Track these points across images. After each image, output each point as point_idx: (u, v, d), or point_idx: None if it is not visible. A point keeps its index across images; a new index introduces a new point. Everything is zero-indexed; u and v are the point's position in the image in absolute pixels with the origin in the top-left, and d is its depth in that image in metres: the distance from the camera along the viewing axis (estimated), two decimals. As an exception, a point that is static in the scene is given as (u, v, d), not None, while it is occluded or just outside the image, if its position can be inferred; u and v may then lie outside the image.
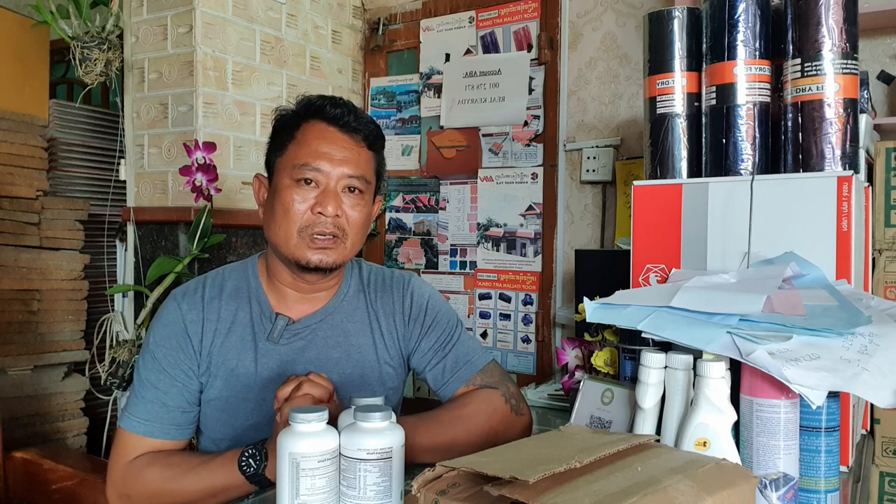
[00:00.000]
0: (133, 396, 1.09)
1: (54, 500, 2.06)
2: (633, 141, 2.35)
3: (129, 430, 1.06)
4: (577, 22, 2.47)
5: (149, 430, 1.06)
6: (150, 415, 1.06)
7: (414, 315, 1.20)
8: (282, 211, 1.06)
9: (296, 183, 1.05)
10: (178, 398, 1.08)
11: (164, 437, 1.07)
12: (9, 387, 2.28)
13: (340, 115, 1.08)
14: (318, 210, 1.04)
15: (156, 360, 1.09)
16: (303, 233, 1.05)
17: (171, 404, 1.07)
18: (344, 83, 2.82)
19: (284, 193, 1.06)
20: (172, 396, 1.08)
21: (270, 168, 1.13)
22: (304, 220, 1.05)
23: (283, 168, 1.08)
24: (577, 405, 1.04)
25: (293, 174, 1.06)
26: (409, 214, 2.82)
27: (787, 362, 0.74)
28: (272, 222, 1.08)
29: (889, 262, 1.63)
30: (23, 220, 2.34)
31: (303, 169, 1.05)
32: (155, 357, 1.09)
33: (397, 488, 0.80)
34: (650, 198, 1.11)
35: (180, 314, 1.10)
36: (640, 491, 0.58)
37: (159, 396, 1.07)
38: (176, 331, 1.09)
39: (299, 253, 1.06)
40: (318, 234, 1.05)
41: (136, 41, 2.32)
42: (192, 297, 1.12)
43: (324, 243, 1.05)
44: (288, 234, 1.05)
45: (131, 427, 1.06)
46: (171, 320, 1.10)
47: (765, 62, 1.08)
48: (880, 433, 1.55)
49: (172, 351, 1.09)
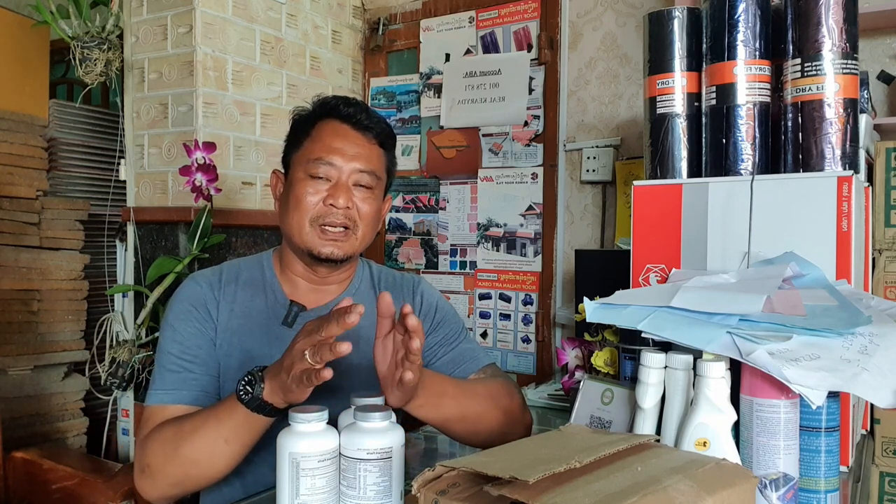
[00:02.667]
0: (155, 373, 1.09)
1: (54, 500, 2.06)
2: (633, 141, 2.35)
3: (155, 404, 1.05)
4: (577, 22, 2.47)
5: (177, 397, 1.05)
6: (176, 383, 1.06)
7: (424, 312, 1.24)
8: (295, 202, 1.11)
9: (309, 176, 1.11)
10: (202, 365, 1.09)
11: (193, 403, 1.05)
12: (9, 387, 2.28)
13: (353, 114, 1.14)
14: (329, 202, 1.09)
15: (176, 332, 1.10)
16: (314, 223, 1.10)
17: (196, 371, 1.08)
18: (344, 83, 2.82)
19: (298, 186, 1.11)
20: (197, 364, 1.08)
21: (287, 164, 1.18)
22: (316, 211, 1.10)
23: (298, 163, 1.13)
24: (577, 405, 1.04)
25: (307, 168, 1.11)
26: (409, 214, 2.82)
27: (787, 362, 0.74)
28: (286, 214, 1.13)
29: (889, 262, 1.63)
30: (23, 220, 2.34)
31: (316, 163, 1.10)
32: (175, 329, 1.10)
33: (397, 488, 0.80)
34: (650, 198, 1.11)
35: (199, 289, 1.14)
36: (640, 491, 0.58)
37: (183, 365, 1.08)
38: (195, 304, 1.12)
39: (311, 243, 1.10)
40: (329, 226, 1.10)
41: (136, 41, 2.32)
42: (210, 278, 1.16)
43: (335, 235, 1.10)
44: (300, 224, 1.10)
45: (157, 400, 1.05)
46: (189, 295, 1.13)
47: (765, 62, 1.08)
48: (880, 433, 1.55)
49: (192, 322, 1.11)
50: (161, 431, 0.99)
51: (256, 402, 0.91)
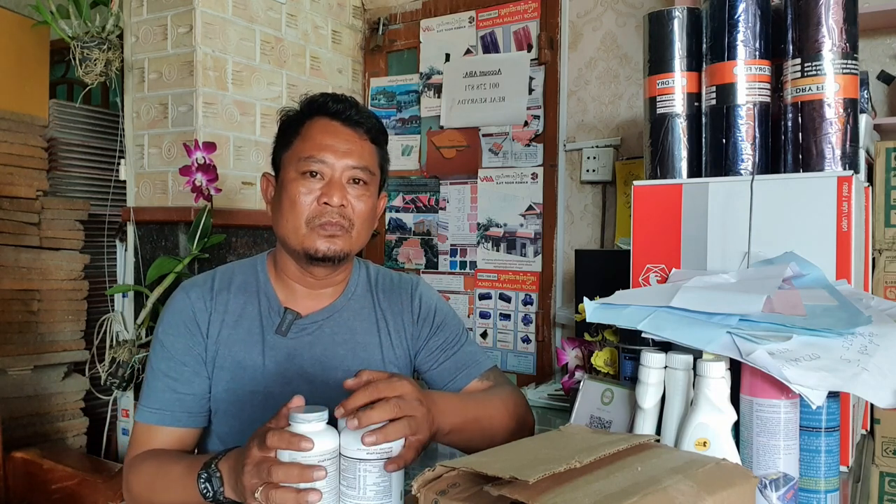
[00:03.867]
0: (144, 388, 1.10)
1: (54, 500, 2.06)
2: (633, 141, 2.35)
3: (142, 422, 1.08)
4: (577, 22, 2.47)
5: (160, 418, 1.07)
6: (161, 403, 1.07)
7: (423, 315, 1.22)
8: (289, 203, 1.08)
9: (301, 176, 1.08)
10: (188, 384, 1.08)
11: (176, 425, 1.07)
12: (9, 387, 2.28)
13: (343, 110, 1.11)
14: (323, 200, 1.07)
15: (165, 348, 1.10)
16: (310, 223, 1.07)
17: (182, 391, 1.08)
18: (344, 83, 2.82)
19: (291, 186, 1.08)
20: (183, 383, 1.08)
21: (277, 165, 1.16)
22: (311, 212, 1.07)
23: (289, 162, 1.11)
24: (577, 405, 1.03)
25: (299, 167, 1.08)
26: (409, 214, 2.82)
27: (787, 362, 0.74)
28: (280, 216, 1.10)
29: (889, 262, 1.63)
30: (23, 220, 2.34)
31: (308, 161, 1.08)
32: (164, 345, 1.10)
33: (397, 488, 0.80)
34: (650, 198, 1.11)
35: (189, 302, 1.12)
36: (640, 491, 0.58)
37: (169, 384, 1.08)
38: (184, 318, 1.11)
39: (308, 243, 1.07)
40: (326, 225, 1.07)
41: (136, 41, 2.32)
42: (201, 288, 1.14)
43: (331, 232, 1.08)
44: (296, 226, 1.08)
45: (144, 418, 1.07)
46: (179, 308, 1.12)
47: (765, 62, 1.08)
48: (880, 433, 1.55)
49: (181, 337, 1.10)
50: (142, 468, 1.02)
51: (219, 499, 0.88)
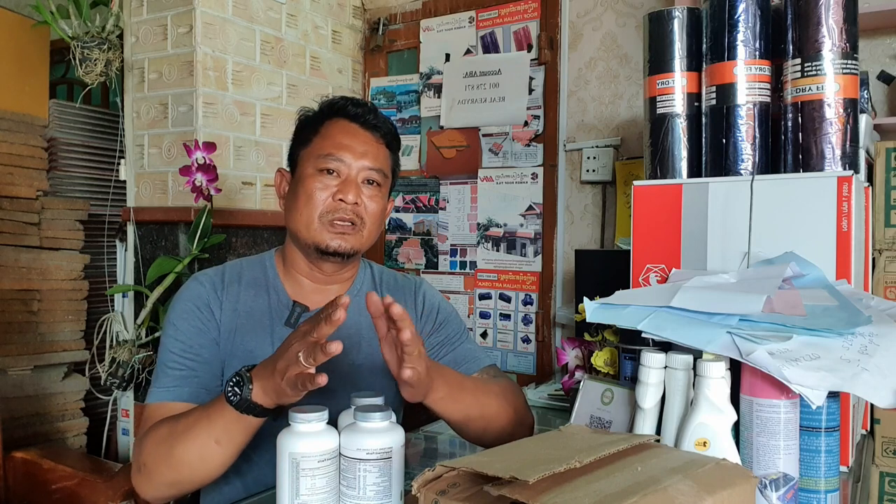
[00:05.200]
0: (157, 371, 1.09)
1: (54, 500, 2.06)
2: (633, 141, 2.35)
3: (155, 402, 1.04)
4: (577, 22, 2.47)
5: (177, 394, 1.04)
6: (177, 381, 1.06)
7: (426, 312, 1.25)
8: (305, 197, 1.12)
9: (319, 172, 1.12)
10: (203, 364, 1.08)
11: (194, 399, 1.04)
12: (9, 387, 2.28)
13: (362, 114, 1.17)
14: (339, 197, 1.11)
15: (178, 331, 1.10)
16: (323, 218, 1.11)
17: (198, 369, 1.08)
18: (344, 83, 2.82)
19: (308, 181, 1.12)
20: (199, 363, 1.08)
21: (294, 162, 1.19)
22: (326, 207, 1.11)
23: (307, 159, 1.15)
24: (577, 405, 1.04)
25: (317, 164, 1.12)
26: (409, 214, 2.82)
27: (787, 362, 0.74)
28: (294, 209, 1.14)
29: (889, 262, 1.63)
30: (23, 220, 2.34)
31: (327, 159, 1.12)
32: (177, 328, 1.10)
33: (397, 488, 0.80)
34: (650, 198, 1.11)
35: (203, 290, 1.14)
36: (640, 491, 0.58)
37: (185, 363, 1.07)
38: (198, 303, 1.12)
39: (319, 237, 1.11)
40: (338, 220, 1.11)
41: (136, 41, 2.32)
42: (213, 279, 1.16)
43: (343, 228, 1.11)
44: (309, 220, 1.11)
45: (157, 397, 1.05)
46: (193, 294, 1.13)
47: (765, 62, 1.08)
48: (880, 433, 1.55)
49: (195, 320, 1.11)
50: (157, 430, 0.98)
51: (245, 403, 0.89)
